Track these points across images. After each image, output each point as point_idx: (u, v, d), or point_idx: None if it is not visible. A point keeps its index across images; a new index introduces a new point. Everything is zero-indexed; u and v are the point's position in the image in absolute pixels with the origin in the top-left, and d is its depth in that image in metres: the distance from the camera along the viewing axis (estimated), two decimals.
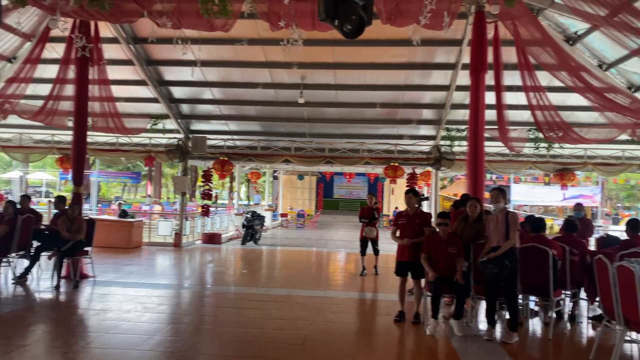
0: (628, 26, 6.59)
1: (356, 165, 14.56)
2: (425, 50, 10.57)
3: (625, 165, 13.04)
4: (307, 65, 11.27)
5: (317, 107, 12.95)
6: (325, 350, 5.29)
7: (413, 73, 11.46)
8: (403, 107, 12.72)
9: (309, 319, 6.53)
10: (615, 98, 8.85)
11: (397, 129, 13.72)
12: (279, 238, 18.45)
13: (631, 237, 6.86)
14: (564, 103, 10.99)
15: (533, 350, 5.78)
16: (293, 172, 27.50)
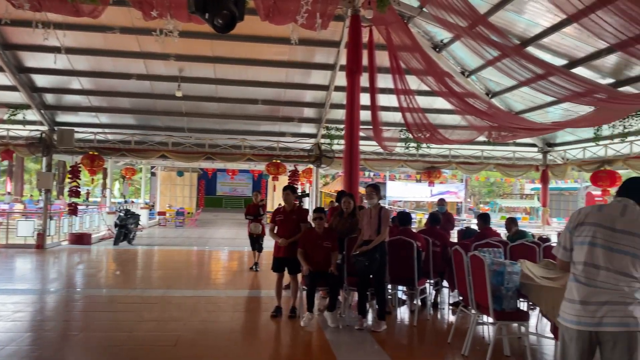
0: (484, 38, 7.27)
1: (238, 161, 14.44)
2: (305, 49, 10.78)
3: (483, 164, 14.39)
4: (186, 57, 10.94)
5: (196, 102, 12.62)
6: (198, 350, 5.18)
7: (294, 71, 11.63)
8: (285, 104, 12.86)
9: (183, 319, 6.35)
10: (475, 103, 9.72)
11: (279, 127, 13.83)
12: (155, 237, 17.69)
13: (482, 230, 7.60)
14: (431, 106, 11.84)
15: (399, 336, 6.16)
16: (172, 169, 26.52)
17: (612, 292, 2.84)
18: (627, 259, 2.84)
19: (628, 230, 2.87)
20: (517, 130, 10.89)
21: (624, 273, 2.83)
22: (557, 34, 8.29)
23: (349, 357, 5.14)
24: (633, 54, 6.42)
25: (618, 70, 8.89)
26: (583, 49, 8.52)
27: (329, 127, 13.30)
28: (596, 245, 2.92)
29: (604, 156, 12.23)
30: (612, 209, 2.98)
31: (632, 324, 2.79)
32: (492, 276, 4.99)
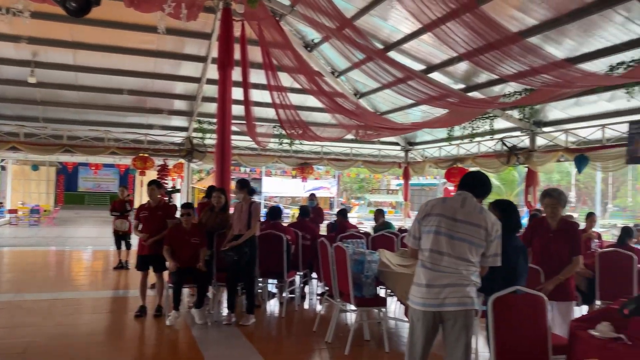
0: (350, 41, 7.62)
1: (101, 155, 13.54)
2: (175, 40, 10.40)
3: (352, 160, 15.07)
4: (40, 41, 9.96)
5: (53, 89, 11.56)
6: (50, 356, 4.81)
7: (163, 61, 11.16)
8: (153, 95, 12.30)
9: (35, 324, 5.83)
10: (344, 103, 10.16)
11: (147, 119, 13.21)
12: (5, 237, 15.96)
13: (341, 223, 8.03)
14: (303, 104, 12.11)
15: (268, 328, 6.27)
16: (26, 162, 24.02)
17: (453, 276, 3.17)
18: (465, 246, 3.19)
19: (466, 220, 3.22)
20: (381, 130, 11.60)
21: (463, 258, 3.18)
22: (416, 40, 8.95)
23: (216, 353, 5.12)
24: (477, 63, 7.16)
25: (467, 76, 9.86)
26: (438, 56, 9.30)
27: (201, 120, 13.00)
28: (440, 233, 3.24)
29: (456, 154, 13.48)
30: (454, 201, 3.33)
31: (468, 303, 3.15)
32: (353, 265, 5.29)
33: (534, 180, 11.04)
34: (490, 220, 3.23)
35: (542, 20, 7.07)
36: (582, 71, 6.69)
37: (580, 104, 9.32)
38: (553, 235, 4.41)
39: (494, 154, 11.62)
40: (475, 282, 3.22)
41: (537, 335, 3.23)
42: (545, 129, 10.52)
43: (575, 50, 7.53)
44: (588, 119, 9.53)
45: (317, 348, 5.37)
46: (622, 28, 6.57)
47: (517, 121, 10.51)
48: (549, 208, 4.46)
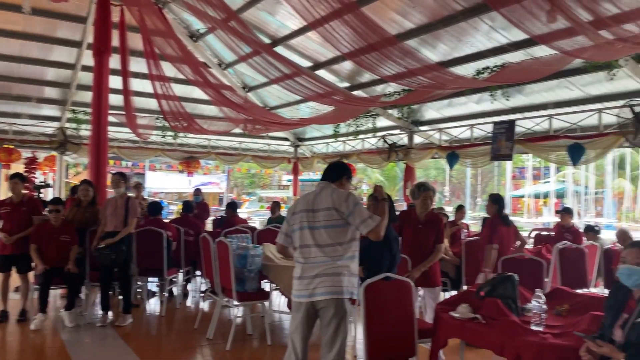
0: (236, 33, 7.51)
1: None
2: (45, 21, 9.53)
3: (241, 155, 14.90)
4: None
5: None
6: None
7: (31, 45, 10.17)
8: (20, 81, 11.18)
9: None
10: (231, 96, 10.01)
11: (13, 107, 11.97)
12: None
13: (230, 217, 7.95)
14: (189, 95, 11.74)
15: (146, 328, 6.01)
16: None
17: (321, 266, 3.24)
18: (324, 232, 3.27)
19: (321, 208, 3.31)
20: (270, 124, 11.62)
21: (327, 245, 3.25)
22: (303, 37, 9.07)
23: (87, 356, 4.81)
24: (360, 63, 7.44)
25: (352, 75, 10.20)
26: (324, 54, 9.51)
27: (76, 110, 12.06)
28: (304, 228, 3.33)
29: (342, 151, 13.90)
30: (313, 193, 3.45)
31: (338, 292, 3.20)
32: (237, 260, 5.25)
33: (412, 175, 11.73)
34: (338, 198, 3.27)
35: (419, 25, 7.51)
36: (453, 74, 7.24)
37: (453, 105, 10.06)
38: (422, 227, 4.71)
39: (377, 150, 12.14)
40: (349, 269, 3.25)
41: (405, 320, 3.44)
42: (422, 127, 11.21)
43: (448, 55, 8.09)
44: (459, 119, 10.31)
45: (198, 345, 5.25)
46: (487, 36, 7.19)
47: (397, 120, 11.08)
48: (427, 200, 4.75)
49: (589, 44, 5.08)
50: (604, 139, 7.68)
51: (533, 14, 4.76)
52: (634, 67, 6.72)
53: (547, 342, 2.84)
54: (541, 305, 3.10)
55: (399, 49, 6.52)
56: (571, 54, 5.37)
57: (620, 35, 4.76)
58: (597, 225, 8.11)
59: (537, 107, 8.76)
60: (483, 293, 3.47)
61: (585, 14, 4.54)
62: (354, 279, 3.29)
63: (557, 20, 4.76)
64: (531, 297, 3.29)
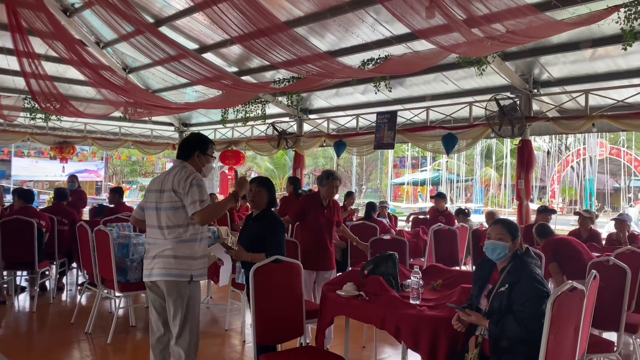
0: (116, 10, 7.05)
1: None
2: None
3: (121, 140, 14.09)
4: None
5: None
6: None
7: None
8: None
9: None
10: (111, 77, 9.39)
11: None
12: None
13: (116, 204, 7.52)
14: (63, 75, 10.83)
15: (14, 326, 5.50)
16: None
17: (159, 247, 3.24)
18: (163, 214, 3.23)
19: (166, 189, 3.24)
20: (153, 108, 11.13)
21: (167, 226, 3.22)
22: (189, 18, 8.77)
23: None
24: (249, 48, 7.38)
25: (241, 60, 10.07)
26: (212, 37, 9.27)
27: None
28: (151, 208, 3.32)
29: (231, 137, 13.70)
30: (165, 172, 3.42)
31: (174, 274, 3.19)
32: (118, 249, 4.98)
33: (301, 163, 11.92)
34: (178, 179, 3.19)
35: (308, 13, 7.61)
36: (341, 64, 7.46)
37: (340, 95, 10.37)
38: (326, 211, 4.83)
39: (266, 137, 12.15)
40: (190, 251, 3.22)
41: (294, 301, 3.51)
42: (311, 116, 11.42)
43: (335, 45, 8.31)
44: (345, 108, 10.67)
45: (75, 340, 4.92)
46: (372, 28, 7.49)
47: (287, 107, 11.17)
48: (334, 188, 4.86)
49: (462, 40, 5.52)
50: (474, 130, 8.41)
51: (414, 9, 5.05)
52: (499, 64, 7.42)
53: (424, 314, 3.06)
54: (418, 280, 3.33)
55: (288, 35, 6.57)
56: (447, 48, 5.79)
57: (489, 33, 5.23)
58: (467, 209, 8.87)
59: (417, 99, 9.35)
60: (366, 272, 3.65)
61: (460, 12, 4.92)
62: (195, 262, 3.26)
63: (435, 16, 5.10)
64: (410, 274, 3.53)
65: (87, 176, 27.23)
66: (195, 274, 3.26)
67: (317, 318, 3.67)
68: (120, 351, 4.71)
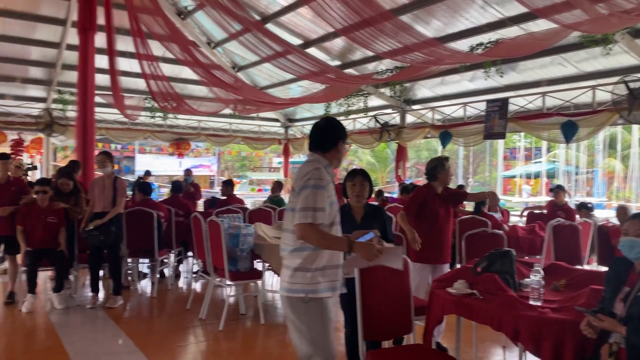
0: (226, 10, 7.33)
1: None
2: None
3: (232, 136, 14.73)
4: None
5: None
6: None
7: (13, 23, 9.89)
8: (3, 61, 10.90)
9: None
10: (221, 76, 9.82)
11: None
12: None
13: (228, 197, 7.84)
14: (178, 75, 11.53)
15: (137, 310, 5.93)
16: None
17: (282, 254, 2.76)
18: (286, 215, 2.76)
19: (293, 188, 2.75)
20: (260, 104, 11.46)
21: (285, 230, 2.73)
22: (294, 14, 8.89)
23: (77, 337, 4.72)
24: (353, 39, 7.29)
25: (344, 53, 10.04)
26: (316, 31, 9.33)
27: (62, 90, 11.81)
28: (287, 209, 2.79)
29: None
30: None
31: (284, 289, 2.66)
32: (228, 239, 5.16)
33: (404, 156, 11.66)
34: (297, 175, 2.67)
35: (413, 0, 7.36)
36: (449, 49, 7.13)
37: (445, 83, 9.95)
38: (443, 202, 4.66)
39: (368, 130, 12.03)
40: (301, 262, 2.60)
41: (401, 297, 3.37)
42: (414, 106, 11.10)
43: (441, 31, 7.96)
44: (451, 97, 10.21)
45: (191, 325, 5.19)
46: (482, 10, 7.06)
47: (389, 99, 10.95)
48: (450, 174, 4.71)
49: (585, 17, 4.99)
50: (597, 116, 7.63)
51: None
52: (629, 42, 6.64)
53: (546, 316, 2.79)
54: (540, 280, 3.04)
55: (393, 23, 6.39)
56: (568, 26, 5.27)
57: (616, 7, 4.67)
58: (590, 203, 8.10)
59: (531, 84, 8.68)
60: (480, 269, 3.42)
61: None
62: (310, 275, 2.59)
63: None
64: (528, 273, 3.24)
65: (202, 171, 28.95)
66: (310, 289, 2.60)
67: (424, 314, 3.52)
68: (231, 338, 4.88)
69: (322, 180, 2.58)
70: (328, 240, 2.59)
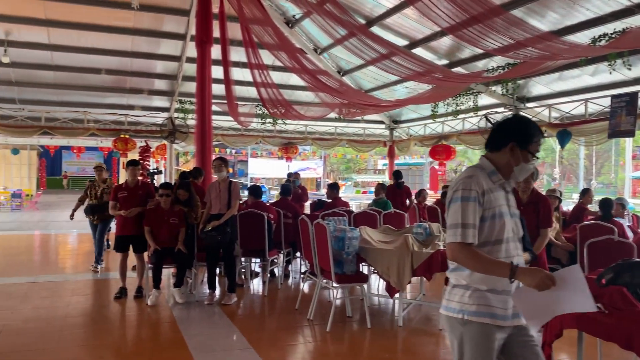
0: (332, 16, 7.46)
1: (81, 137, 13.28)
2: (152, 17, 10.16)
3: (337, 140, 14.96)
4: (12, 18, 9.67)
5: (28, 69, 11.27)
6: (26, 338, 4.72)
7: (141, 40, 10.90)
8: (132, 75, 12.04)
9: (11, 308, 5.72)
10: (327, 81, 10.01)
11: (127, 99, 12.95)
12: None
13: (333, 200, 7.95)
14: (286, 82, 11.94)
15: (250, 307, 6.22)
16: (6, 146, 23.55)
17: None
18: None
19: None
20: (365, 107, 11.50)
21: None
22: (399, 15, 8.81)
23: (196, 332, 5.05)
24: (461, 38, 7.06)
25: (451, 52, 9.75)
26: (421, 31, 9.17)
27: (183, 100, 12.78)
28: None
29: (441, 132, 13.42)
30: None
31: (443, 306, 2.39)
32: (334, 242, 5.23)
33: None
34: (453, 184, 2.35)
35: None
36: (568, 42, 6.64)
37: (564, 79, 9.27)
38: (523, 209, 4.39)
39: (478, 130, 11.57)
40: (456, 279, 2.31)
41: None
42: (529, 104, 10.48)
43: (559, 23, 7.44)
44: (571, 93, 9.49)
45: (299, 325, 5.33)
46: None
47: (501, 97, 10.45)
48: (523, 182, 4.43)
49: None
50: None
51: None
52: None
53: None
54: None
55: (504, 19, 6.09)
56: None
57: None
58: None
59: None
60: (605, 281, 3.13)
61: None
62: (468, 294, 2.25)
63: None
64: None
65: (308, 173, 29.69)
66: (468, 310, 2.24)
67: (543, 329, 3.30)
68: (339, 340, 4.93)
69: (471, 191, 2.21)
70: (484, 263, 2.18)
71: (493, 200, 2.26)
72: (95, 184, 7.95)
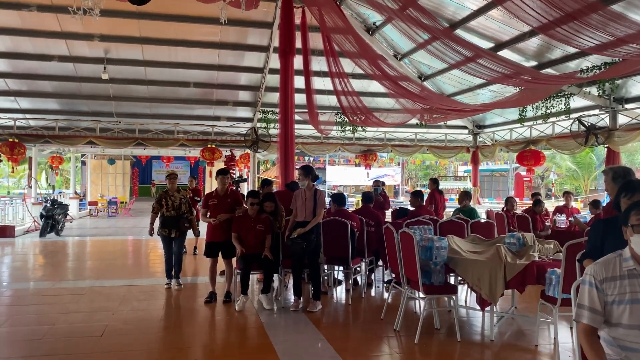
0: (414, 21, 7.35)
1: (171, 147, 14.03)
2: (237, 30, 10.54)
3: (417, 146, 14.72)
4: (111, 38, 10.42)
5: (124, 85, 12.09)
6: (126, 339, 5.00)
7: (227, 53, 11.35)
8: (218, 87, 12.56)
9: (111, 309, 6.10)
10: (408, 86, 9.88)
11: (214, 110, 13.52)
12: (86, 228, 16.93)
13: (417, 208, 7.78)
14: (366, 89, 11.93)
15: (334, 315, 6.21)
16: (103, 157, 25.39)
17: None
18: None
19: None
20: (448, 112, 11.22)
21: None
22: (484, 17, 8.53)
23: (283, 338, 5.12)
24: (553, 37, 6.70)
25: (540, 53, 9.29)
26: (508, 32, 8.82)
27: (265, 110, 13.15)
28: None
29: (529, 137, 12.82)
30: None
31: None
32: (421, 251, 5.10)
33: (615, 161, 10.29)
34: None
35: None
36: None
37: None
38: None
39: (570, 134, 10.92)
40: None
41: None
42: (628, 105, 9.76)
43: None
44: None
45: (385, 336, 5.25)
46: None
47: (596, 98, 9.81)
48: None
49: None
50: None
51: None
52: None
53: None
54: None
55: (602, 14, 5.70)
56: None
57: None
58: None
59: None
60: None
61: None
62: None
63: None
64: None
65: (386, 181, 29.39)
66: None
67: None
68: (427, 353, 4.80)
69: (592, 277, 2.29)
70: (588, 354, 2.24)
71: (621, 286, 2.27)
72: (169, 193, 7.43)
